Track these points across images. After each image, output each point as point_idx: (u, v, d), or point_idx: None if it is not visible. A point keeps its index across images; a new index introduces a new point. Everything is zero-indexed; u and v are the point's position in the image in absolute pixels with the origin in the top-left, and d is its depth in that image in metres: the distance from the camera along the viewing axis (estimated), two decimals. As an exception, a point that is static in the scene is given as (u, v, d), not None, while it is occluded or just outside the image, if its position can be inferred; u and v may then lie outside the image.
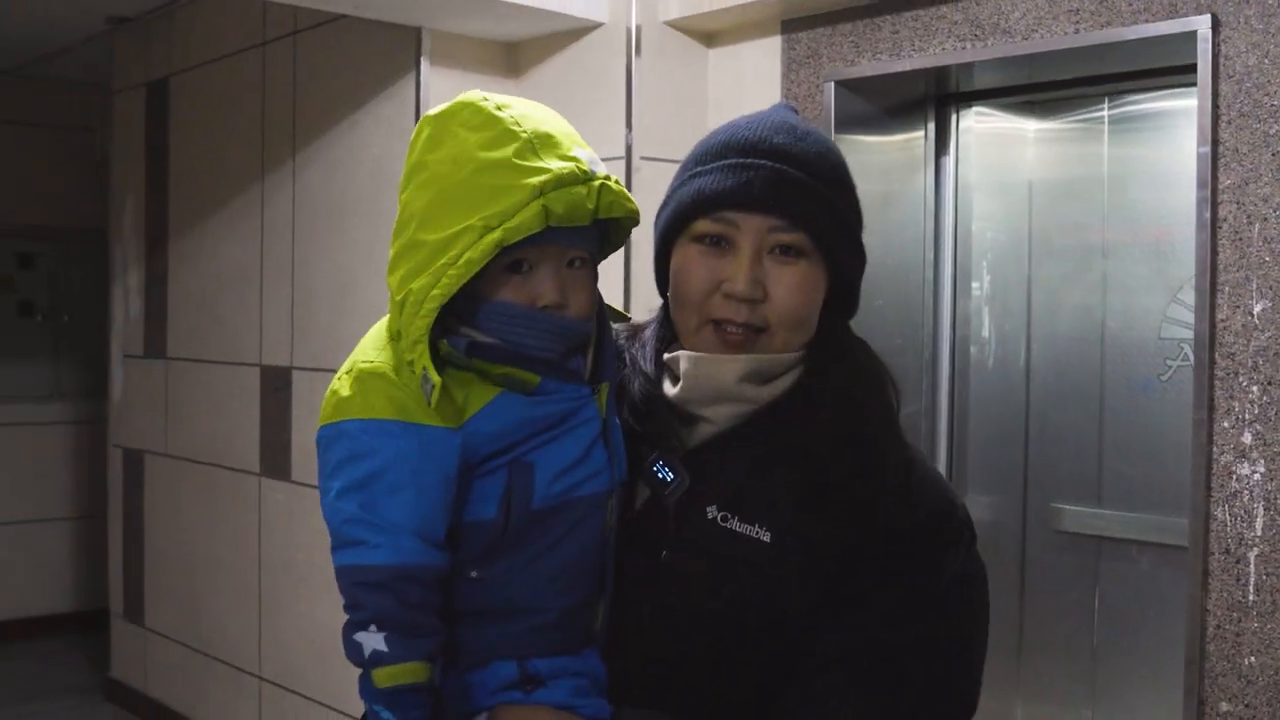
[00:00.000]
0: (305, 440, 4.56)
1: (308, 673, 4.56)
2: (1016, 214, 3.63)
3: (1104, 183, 3.44)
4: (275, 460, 4.73)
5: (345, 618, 1.30)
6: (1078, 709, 3.49)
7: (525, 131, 1.35)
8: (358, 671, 1.33)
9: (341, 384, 1.36)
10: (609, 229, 1.45)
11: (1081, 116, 3.51)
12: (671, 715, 1.37)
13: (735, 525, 1.38)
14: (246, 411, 4.88)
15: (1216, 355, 2.81)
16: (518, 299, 1.35)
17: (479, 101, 1.37)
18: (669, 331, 1.47)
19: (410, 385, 1.32)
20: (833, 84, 3.49)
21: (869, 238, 3.45)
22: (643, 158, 3.73)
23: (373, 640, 1.27)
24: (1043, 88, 3.48)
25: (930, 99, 3.65)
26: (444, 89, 3.93)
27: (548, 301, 1.35)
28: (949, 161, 3.68)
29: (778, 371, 1.41)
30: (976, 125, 3.66)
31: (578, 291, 1.38)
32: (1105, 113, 3.44)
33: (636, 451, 1.44)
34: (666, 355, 1.46)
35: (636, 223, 1.44)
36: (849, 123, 3.51)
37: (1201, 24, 2.79)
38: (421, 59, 3.93)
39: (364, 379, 1.34)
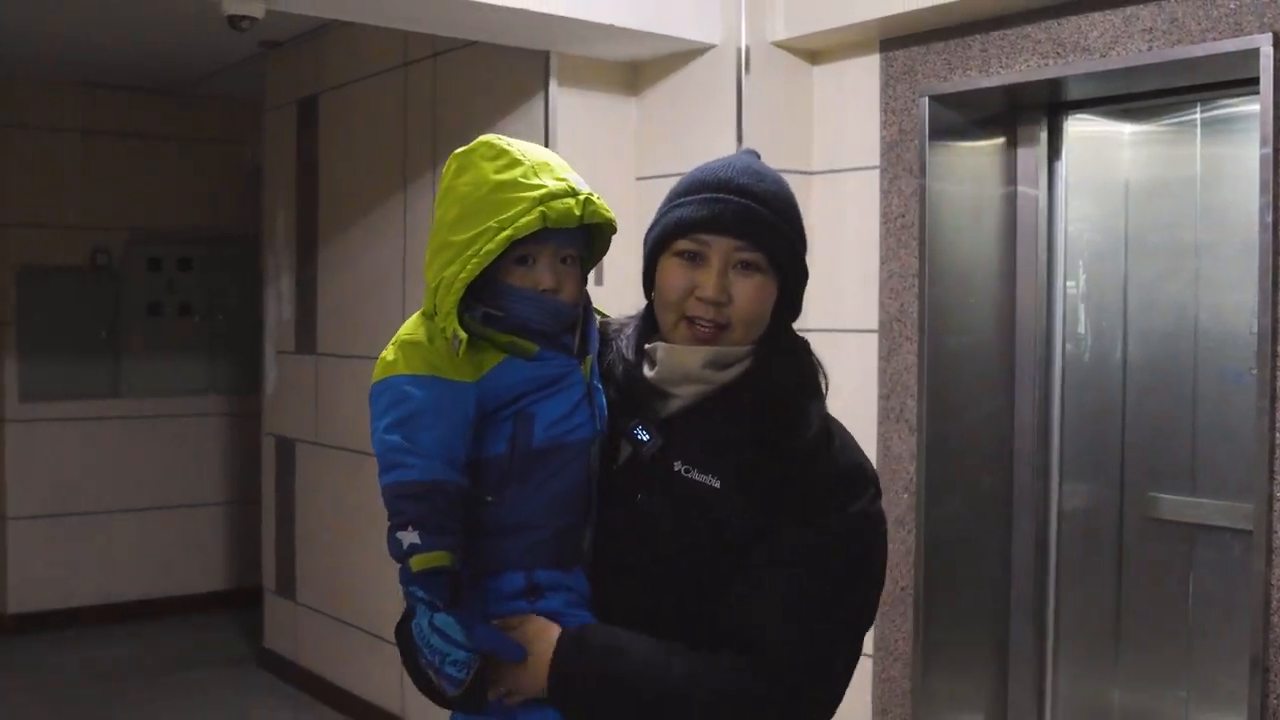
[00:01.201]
0: (444, 429, 4.84)
1: (446, 643, 4.84)
2: (1113, 214, 3.74)
3: (1196, 183, 3.55)
4: (416, 447, 5.01)
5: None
6: (1174, 692, 3.60)
7: (528, 160, 1.74)
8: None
9: (389, 352, 1.74)
10: (595, 238, 1.84)
11: (1175, 120, 3.61)
12: (630, 629, 1.74)
13: (694, 475, 1.74)
14: (390, 402, 5.16)
15: (1278, 348, 3.01)
16: (523, 284, 1.75)
17: (493, 140, 1.77)
18: (650, 326, 1.85)
19: (442, 350, 1.70)
20: (927, 98, 3.69)
21: (959, 239, 3.67)
22: (754, 167, 3.95)
23: (410, 537, 1.63)
24: (1136, 96, 3.60)
25: (1026, 107, 3.79)
26: (570, 107, 4.21)
27: (546, 286, 1.75)
28: (1046, 166, 3.81)
29: (732, 361, 1.77)
30: (1073, 130, 3.78)
31: (569, 281, 1.78)
32: (1198, 116, 3.55)
33: (619, 419, 1.80)
34: (647, 345, 1.81)
35: (615, 230, 1.83)
36: (942, 133, 3.72)
37: (1264, 42, 3.00)
38: (550, 80, 4.21)
39: (406, 347, 1.72)
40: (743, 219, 1.74)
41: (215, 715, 5.71)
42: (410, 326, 1.77)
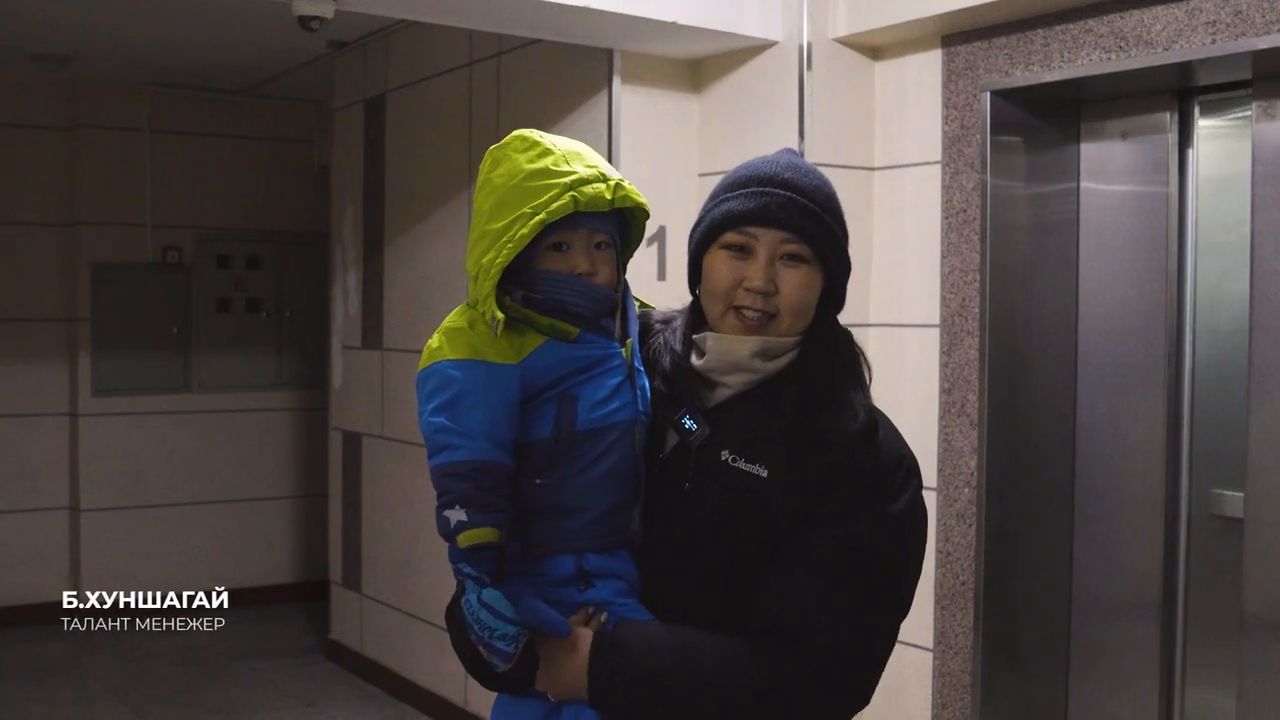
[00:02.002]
0: (507, 423, 4.90)
1: (509, 634, 4.90)
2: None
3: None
4: (480, 441, 5.09)
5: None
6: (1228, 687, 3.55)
7: (559, 149, 1.80)
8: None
9: (434, 339, 1.80)
10: (630, 227, 1.90)
11: (1239, 115, 3.54)
12: (686, 620, 1.77)
13: (741, 464, 1.77)
14: (454, 397, 5.23)
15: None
16: (560, 269, 1.80)
17: (526, 133, 1.84)
18: (698, 319, 1.88)
19: (483, 335, 1.76)
20: (989, 93, 3.69)
21: (1020, 234, 3.63)
22: (814, 164, 3.95)
23: (457, 515, 1.68)
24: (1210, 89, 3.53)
25: (1096, 100, 3.74)
26: (633, 104, 4.25)
27: (581, 270, 1.81)
28: (1178, 158, 3.65)
29: (780, 351, 1.81)
30: (1204, 122, 3.63)
31: (604, 266, 1.84)
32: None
33: (665, 409, 1.84)
34: (696, 335, 1.86)
35: (648, 215, 1.89)
36: (1004, 128, 3.71)
37: (1328, 34, 2.97)
38: (613, 77, 4.25)
39: (450, 333, 1.78)
40: (789, 211, 1.78)
41: (282, 704, 5.80)
42: (454, 315, 1.83)
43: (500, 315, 1.74)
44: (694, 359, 1.85)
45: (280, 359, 7.67)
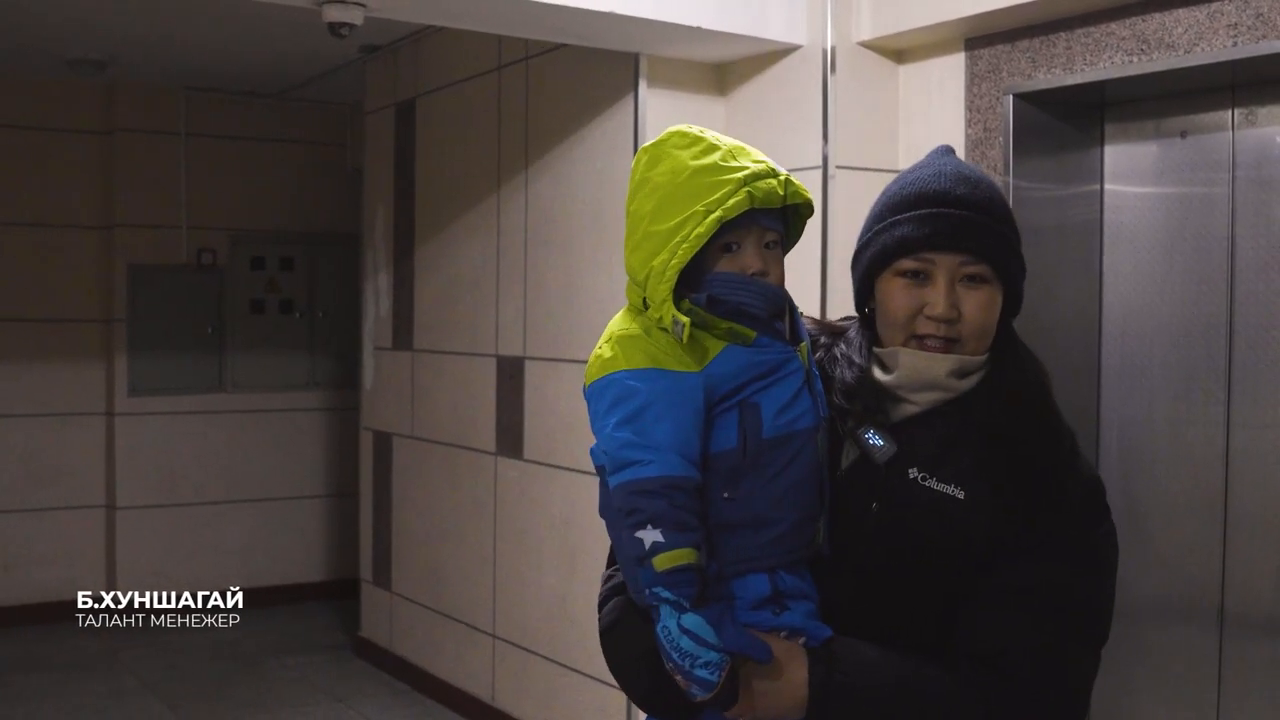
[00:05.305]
0: (537, 423, 4.94)
1: (536, 632, 4.90)
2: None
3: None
4: (510, 441, 5.13)
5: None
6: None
7: (724, 145, 1.72)
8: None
9: (604, 349, 1.70)
10: (791, 224, 1.79)
11: None
12: (878, 642, 1.71)
13: (933, 484, 1.70)
14: (484, 397, 5.28)
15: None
16: (732, 270, 1.70)
17: (685, 129, 1.75)
18: (873, 336, 1.81)
19: (660, 341, 1.67)
20: (1011, 96, 3.70)
21: (1043, 237, 3.64)
22: (838, 166, 3.99)
23: (651, 535, 1.58)
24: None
25: (1116, 103, 3.76)
26: (659, 107, 4.27)
27: (755, 270, 1.71)
28: (1231, 160, 3.57)
29: (972, 369, 1.74)
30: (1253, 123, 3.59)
31: (774, 265, 1.74)
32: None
33: (842, 424, 1.77)
34: (878, 350, 1.78)
35: (812, 212, 1.79)
36: (1026, 131, 3.71)
37: (1349, 37, 2.97)
38: (639, 81, 4.28)
39: (623, 341, 1.69)
40: (966, 233, 1.72)
41: (312, 700, 5.87)
42: (621, 322, 1.74)
43: (685, 319, 1.64)
44: (878, 374, 1.77)
45: (312, 359, 7.74)
